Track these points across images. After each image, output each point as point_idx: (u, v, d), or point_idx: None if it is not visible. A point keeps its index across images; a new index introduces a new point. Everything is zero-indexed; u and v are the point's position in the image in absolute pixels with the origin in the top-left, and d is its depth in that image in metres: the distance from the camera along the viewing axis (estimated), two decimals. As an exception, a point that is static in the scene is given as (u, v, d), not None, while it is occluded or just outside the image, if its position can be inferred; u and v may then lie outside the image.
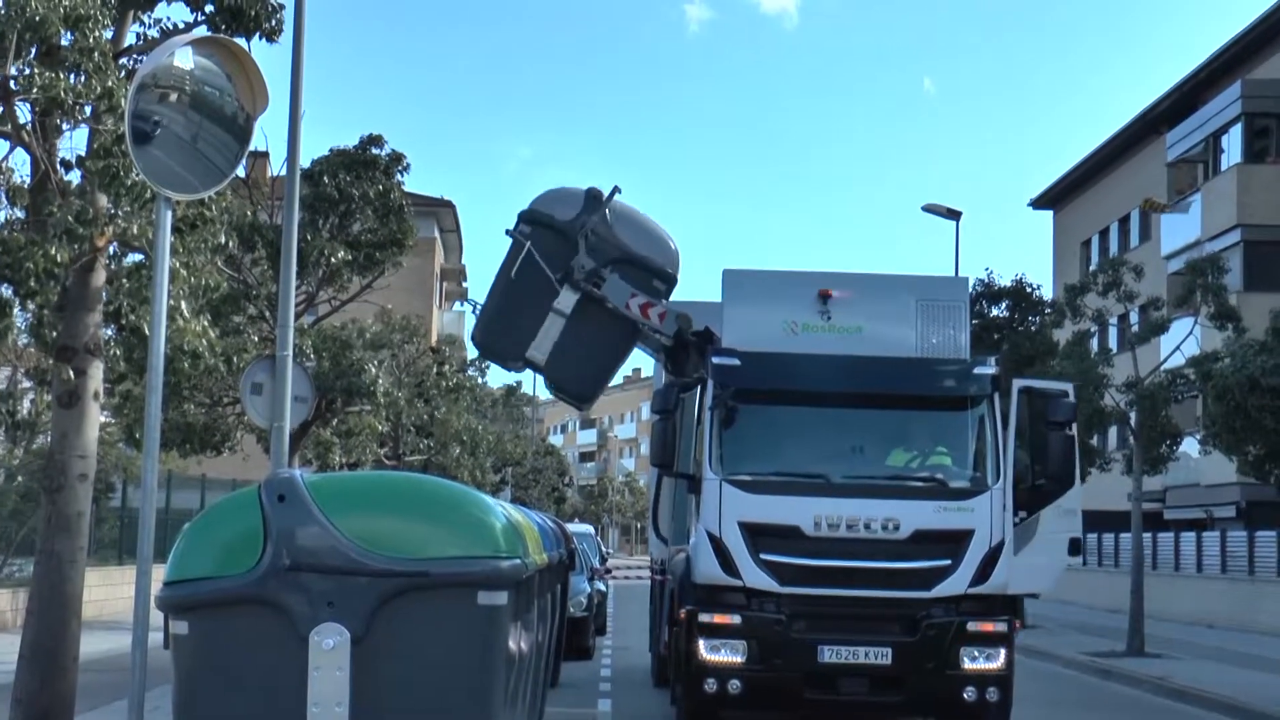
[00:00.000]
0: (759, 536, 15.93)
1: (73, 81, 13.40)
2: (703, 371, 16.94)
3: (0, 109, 13.67)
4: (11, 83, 13.45)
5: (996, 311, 38.80)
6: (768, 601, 15.98)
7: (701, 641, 16.07)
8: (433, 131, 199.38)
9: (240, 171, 15.25)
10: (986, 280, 38.81)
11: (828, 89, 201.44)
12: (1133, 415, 31.38)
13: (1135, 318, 39.25)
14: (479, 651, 9.02)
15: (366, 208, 29.28)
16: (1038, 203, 67.26)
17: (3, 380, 31.41)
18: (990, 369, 16.76)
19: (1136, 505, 31.54)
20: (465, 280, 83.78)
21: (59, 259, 13.42)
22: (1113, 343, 45.30)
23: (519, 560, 9.30)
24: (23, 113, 13.97)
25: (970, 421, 16.68)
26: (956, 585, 15.99)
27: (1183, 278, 32.92)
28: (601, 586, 31.07)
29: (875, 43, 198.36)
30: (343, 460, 31.78)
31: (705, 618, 16.12)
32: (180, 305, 14.60)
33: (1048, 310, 37.91)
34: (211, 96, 11.27)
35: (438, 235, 70.77)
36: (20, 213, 14.31)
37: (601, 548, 40.87)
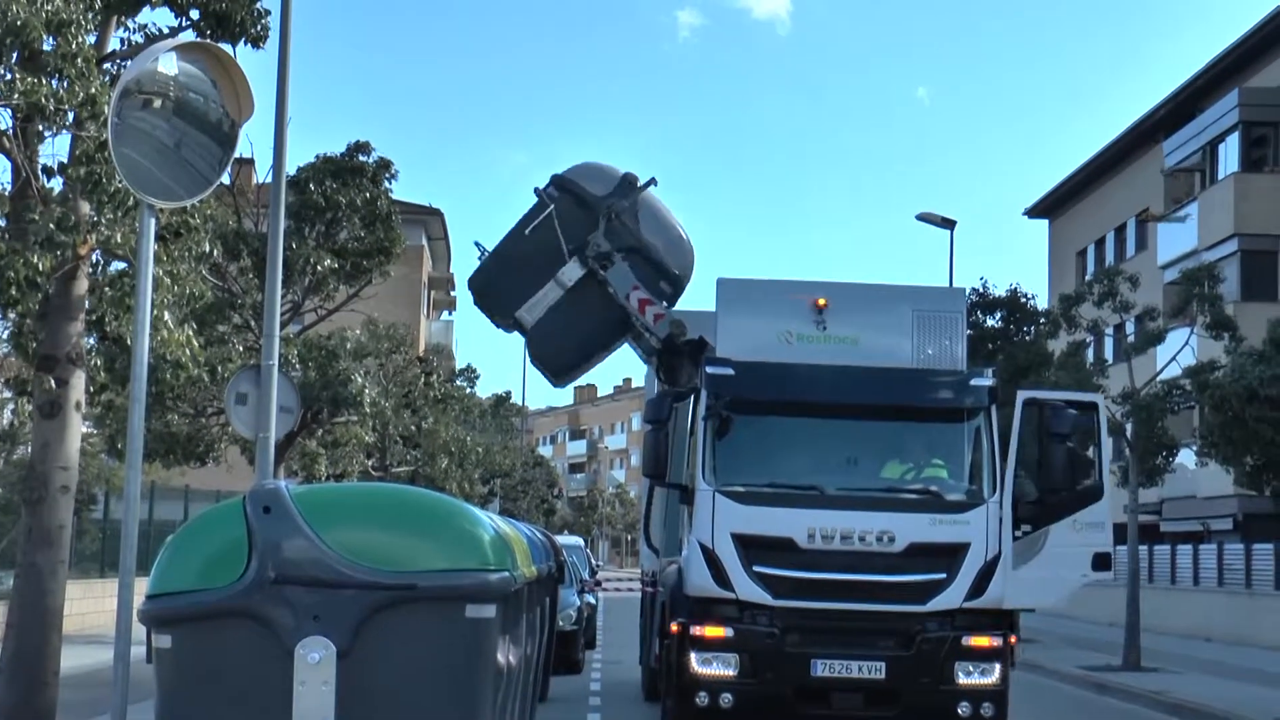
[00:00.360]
0: (752, 548, 15.79)
1: (55, 87, 13.27)
2: (696, 381, 16.79)
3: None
4: (-8, 88, 13.28)
5: (991, 322, 38.72)
6: (760, 614, 15.85)
7: (693, 654, 15.93)
8: (421, 139, 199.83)
9: (225, 179, 15.09)
10: (981, 290, 38.71)
11: (820, 96, 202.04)
12: (1129, 426, 31.24)
13: (1131, 328, 39.18)
14: (466, 665, 8.94)
15: (353, 216, 29.16)
16: (1033, 212, 67.25)
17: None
18: (987, 380, 16.65)
19: (1132, 517, 31.38)
20: (453, 289, 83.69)
21: (40, 267, 13.28)
22: (1108, 353, 45.23)
23: (507, 573, 9.21)
24: (3, 119, 13.88)
25: (967, 433, 16.55)
26: (952, 599, 15.86)
27: (1179, 287, 32.82)
28: (591, 599, 30.87)
29: (868, 50, 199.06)
30: (329, 471, 31.62)
31: (697, 630, 15.97)
32: (164, 314, 14.46)
33: (1043, 320, 37.82)
34: (196, 103, 11.17)
35: (425, 244, 70.73)
36: (1, 220, 14.16)
37: (591, 560, 40.72)
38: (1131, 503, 31.42)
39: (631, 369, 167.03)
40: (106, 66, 14.53)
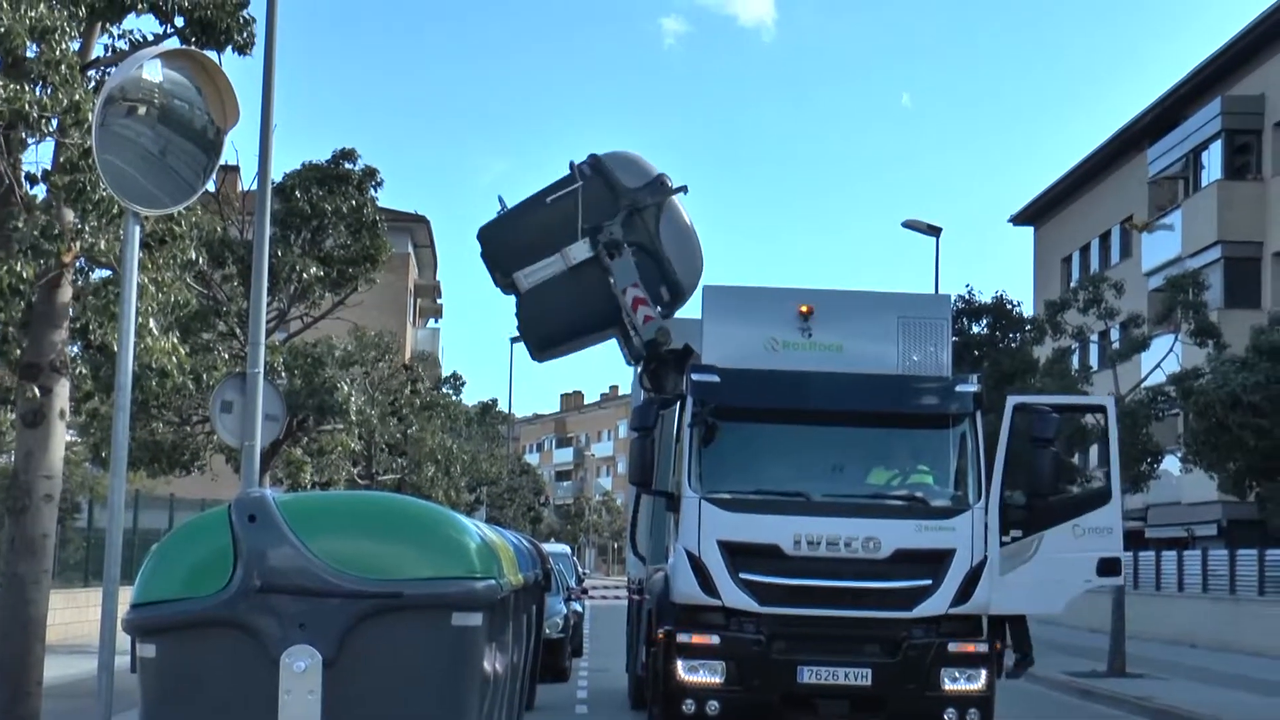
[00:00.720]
0: (738, 555, 15.79)
1: (38, 94, 13.22)
2: (682, 388, 16.78)
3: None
4: (-25, 95, 13.23)
5: (977, 329, 38.70)
6: (747, 621, 15.85)
7: (679, 662, 15.91)
8: (406, 147, 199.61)
9: (210, 186, 15.06)
10: (967, 297, 38.71)
11: (805, 103, 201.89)
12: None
13: (1116, 335, 39.23)
14: (453, 674, 8.92)
15: (339, 223, 29.06)
16: (1018, 219, 67.36)
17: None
18: (972, 387, 16.64)
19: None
20: (439, 297, 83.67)
21: (24, 275, 13.23)
22: (1093, 360, 45.28)
23: (494, 581, 9.19)
24: (-13, 125, 13.76)
25: (952, 440, 16.56)
26: (937, 605, 15.87)
27: (1163, 294, 32.90)
28: (578, 607, 30.86)
29: (853, 56, 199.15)
30: (314, 480, 31.55)
31: (683, 638, 15.96)
32: (148, 322, 14.41)
33: (1028, 327, 37.84)
34: (181, 110, 11.13)
35: (411, 251, 70.62)
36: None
37: (578, 568, 40.74)
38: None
39: (618, 376, 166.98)
40: (91, 73, 14.49)
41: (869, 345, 16.84)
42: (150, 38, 15.05)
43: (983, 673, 15.96)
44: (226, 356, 26.58)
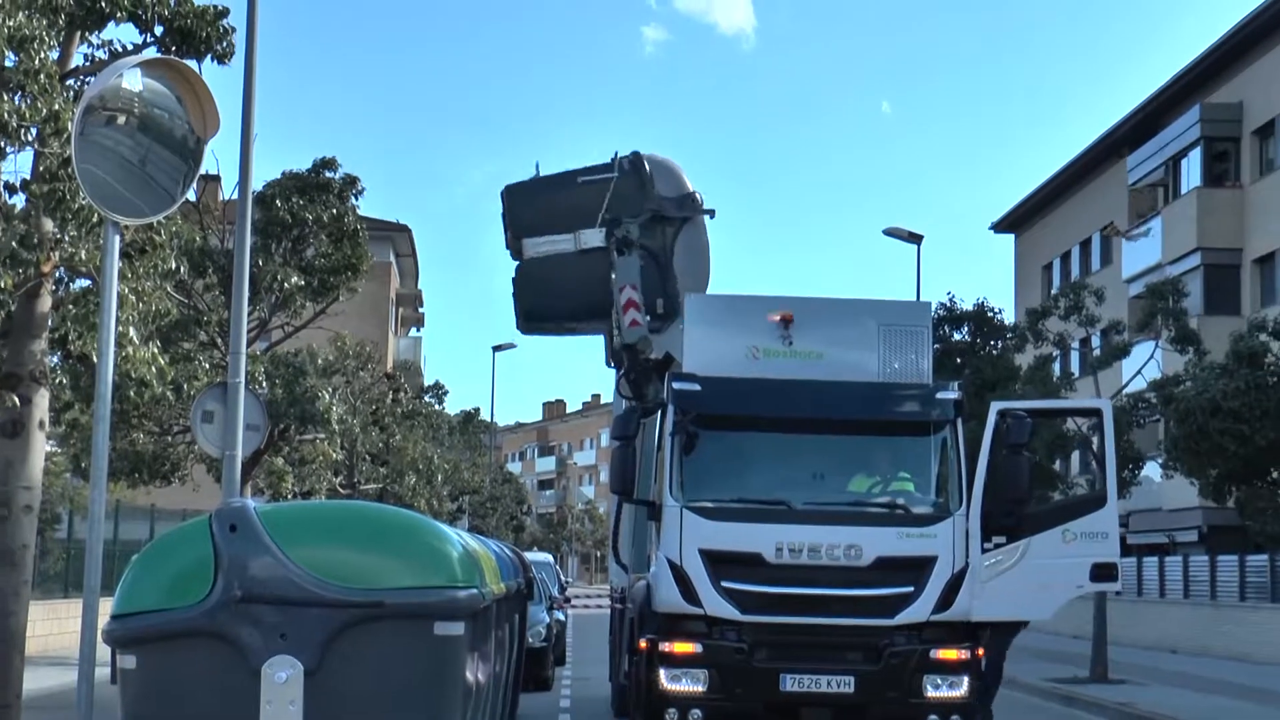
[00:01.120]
0: (720, 564, 15.75)
1: (17, 103, 13.18)
2: (663, 396, 16.75)
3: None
4: (-47, 105, 13.20)
5: (958, 336, 38.74)
6: (729, 630, 15.81)
7: (662, 671, 15.88)
8: (386, 155, 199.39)
9: (191, 195, 15.04)
10: (948, 304, 38.74)
11: (786, 112, 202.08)
12: (1095, 439, 31.28)
13: (1097, 341, 39.29)
14: (435, 683, 8.89)
15: (320, 232, 29.07)
16: (999, 226, 67.41)
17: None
18: (953, 394, 16.64)
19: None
20: (421, 306, 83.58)
21: (3, 284, 13.19)
22: (1074, 367, 45.34)
23: (476, 590, 9.17)
24: (-35, 135, 13.71)
25: (933, 447, 16.55)
26: (919, 612, 15.85)
27: (1144, 301, 32.97)
28: (561, 616, 30.83)
29: (833, 65, 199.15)
30: (296, 489, 31.48)
31: (666, 646, 15.92)
32: (129, 332, 14.38)
33: (1009, 334, 37.90)
34: (161, 119, 11.09)
35: (393, 260, 70.57)
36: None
37: (560, 576, 40.64)
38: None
39: (600, 385, 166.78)
40: (70, 83, 14.47)
41: (850, 353, 16.83)
42: (129, 47, 15.02)
43: (965, 679, 15.93)
44: (207, 366, 26.51)
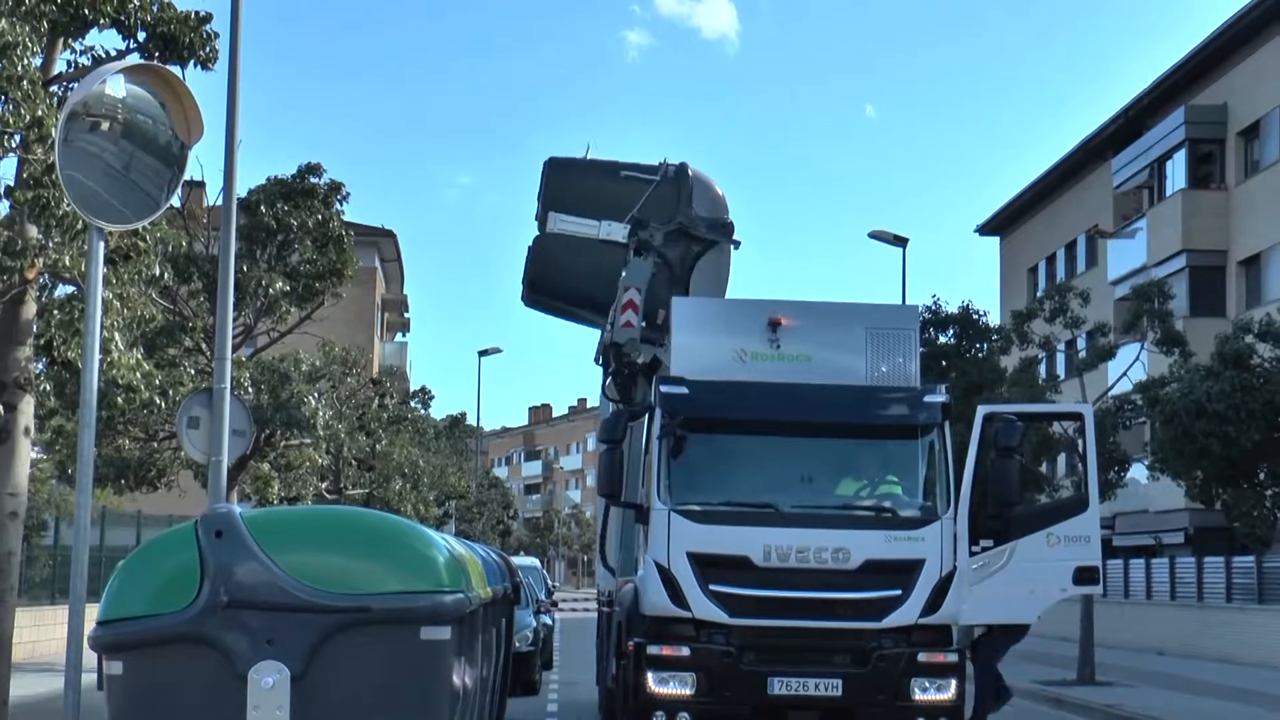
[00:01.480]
0: (708, 567, 15.74)
1: (0, 110, 13.13)
2: (650, 400, 16.74)
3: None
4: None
5: (944, 339, 38.74)
6: (717, 633, 15.80)
7: (650, 674, 15.87)
8: (371, 161, 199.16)
9: (175, 201, 15.01)
10: (934, 307, 38.74)
11: (769, 116, 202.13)
12: (1079, 442, 31.33)
13: (1082, 344, 39.33)
14: (422, 688, 8.87)
15: (305, 237, 29.04)
16: (984, 229, 67.46)
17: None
18: (940, 397, 16.64)
19: (1086, 532, 31.43)
20: (407, 311, 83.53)
21: (-13, 291, 13.15)
22: (1060, 369, 45.40)
23: (462, 594, 9.15)
24: (-51, 142, 13.70)
25: (920, 450, 16.54)
26: (907, 615, 15.84)
27: (1129, 303, 32.99)
28: (548, 620, 30.81)
29: (816, 69, 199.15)
30: (282, 494, 31.46)
31: (653, 650, 15.92)
32: (114, 338, 14.35)
33: (995, 337, 37.92)
34: (145, 125, 11.09)
35: (379, 265, 70.54)
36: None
37: (547, 581, 40.63)
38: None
39: (587, 389, 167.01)
40: (53, 89, 14.44)
41: (837, 356, 16.82)
42: (113, 53, 15.02)
43: (952, 683, 15.93)
44: (193, 372, 26.50)
